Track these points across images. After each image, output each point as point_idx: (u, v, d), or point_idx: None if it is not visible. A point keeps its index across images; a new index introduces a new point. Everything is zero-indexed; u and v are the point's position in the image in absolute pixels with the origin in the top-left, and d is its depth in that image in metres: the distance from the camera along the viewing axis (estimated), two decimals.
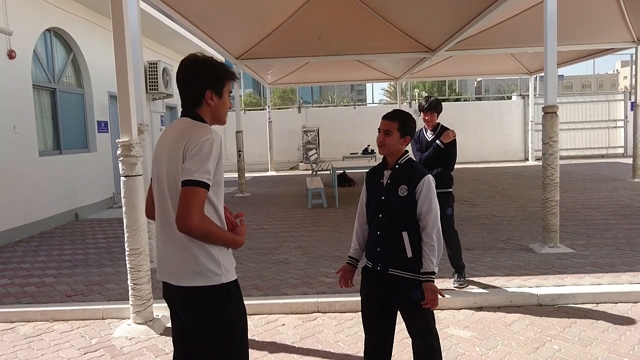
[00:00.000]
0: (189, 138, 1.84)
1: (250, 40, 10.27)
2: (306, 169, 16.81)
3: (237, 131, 11.54)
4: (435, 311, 2.58)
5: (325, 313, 4.21)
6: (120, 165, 3.91)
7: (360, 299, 2.58)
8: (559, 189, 5.67)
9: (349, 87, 47.24)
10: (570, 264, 5.08)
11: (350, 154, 15.80)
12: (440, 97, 27.87)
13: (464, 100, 30.85)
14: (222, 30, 9.12)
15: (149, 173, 2.55)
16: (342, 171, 11.68)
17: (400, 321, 2.50)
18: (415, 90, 35.79)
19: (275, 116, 18.19)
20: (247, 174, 14.16)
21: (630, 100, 16.13)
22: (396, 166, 2.49)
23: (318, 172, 13.06)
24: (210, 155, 1.81)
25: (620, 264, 5.03)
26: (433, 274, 2.37)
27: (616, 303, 4.19)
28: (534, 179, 11.90)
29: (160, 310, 4.12)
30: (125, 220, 3.91)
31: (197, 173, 1.77)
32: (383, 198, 2.47)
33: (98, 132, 9.96)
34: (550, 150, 5.61)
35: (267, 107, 17.35)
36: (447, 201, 4.34)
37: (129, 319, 4.03)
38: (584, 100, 18.63)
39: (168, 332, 3.81)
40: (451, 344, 3.52)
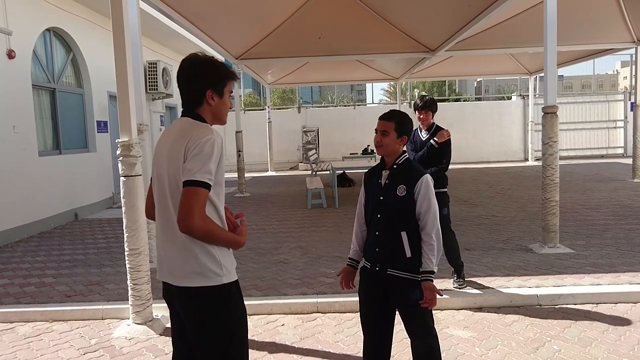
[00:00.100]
0: (189, 138, 1.84)
1: (250, 40, 10.27)
2: (306, 169, 16.81)
3: (237, 131, 11.54)
4: (435, 311, 2.58)
5: (325, 313, 4.21)
6: (119, 165, 3.91)
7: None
8: (558, 189, 5.67)
9: (348, 87, 47.17)
10: (570, 264, 5.08)
11: (350, 154, 15.79)
12: (440, 97, 28.04)
13: (463, 101, 30.86)
14: (222, 30, 9.12)
15: (148, 173, 2.54)
16: (342, 171, 11.67)
17: (400, 321, 2.50)
18: (415, 90, 35.71)
19: (275, 116, 18.17)
20: (247, 174, 14.15)
21: (630, 100, 16.09)
22: (394, 166, 2.49)
23: (318, 172, 13.05)
24: (212, 156, 1.81)
25: (620, 264, 5.03)
26: (432, 273, 2.38)
27: (616, 303, 4.19)
28: (534, 179, 11.89)
29: (159, 311, 4.12)
30: (124, 221, 3.91)
31: (199, 173, 1.77)
32: (382, 198, 2.47)
33: (98, 132, 9.96)
34: (550, 150, 5.62)
35: (267, 107, 17.35)
36: (442, 201, 4.33)
37: (129, 319, 4.03)
38: (584, 101, 18.62)
39: (167, 333, 3.81)
40: (451, 344, 3.52)
